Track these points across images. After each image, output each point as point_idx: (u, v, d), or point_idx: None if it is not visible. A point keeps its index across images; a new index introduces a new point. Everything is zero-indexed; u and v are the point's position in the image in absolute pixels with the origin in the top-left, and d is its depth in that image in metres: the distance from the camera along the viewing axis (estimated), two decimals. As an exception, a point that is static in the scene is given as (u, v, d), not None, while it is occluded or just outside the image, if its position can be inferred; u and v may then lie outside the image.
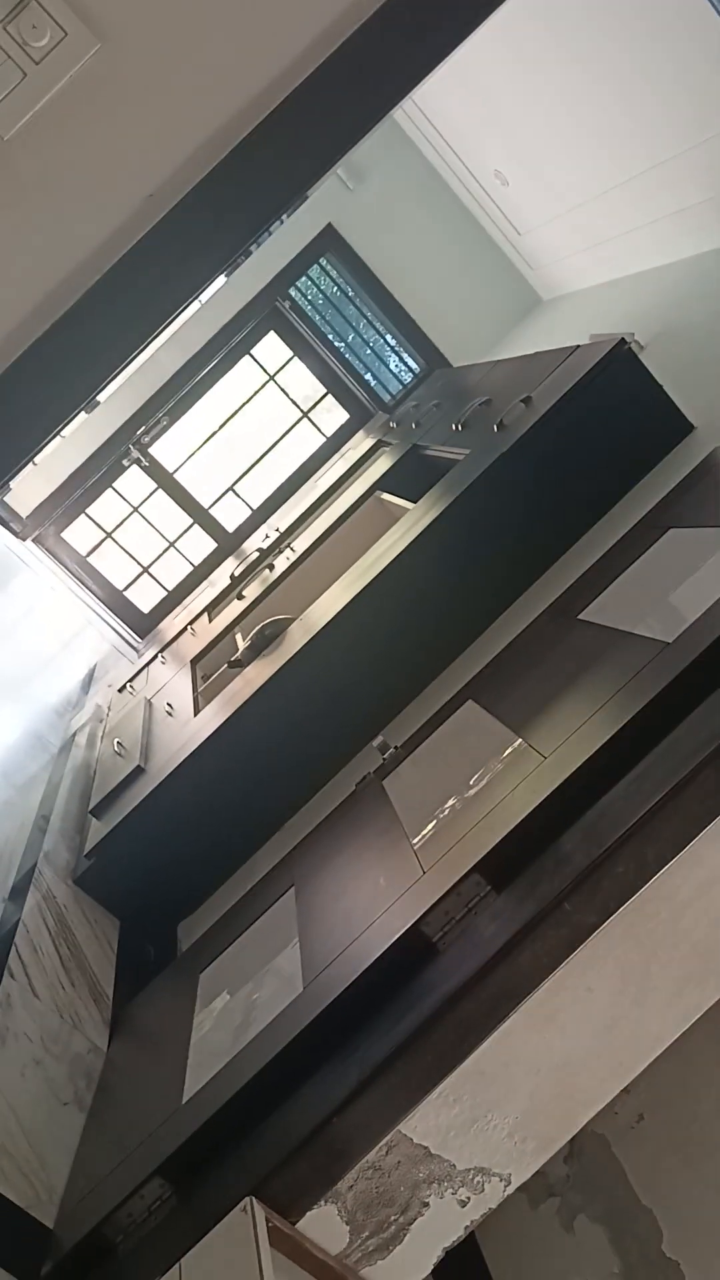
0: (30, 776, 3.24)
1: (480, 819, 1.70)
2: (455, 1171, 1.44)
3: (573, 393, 2.70)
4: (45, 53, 1.34)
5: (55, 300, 1.44)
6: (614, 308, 4.71)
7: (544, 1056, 1.43)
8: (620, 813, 1.49)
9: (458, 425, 3.39)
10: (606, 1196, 1.99)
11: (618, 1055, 1.44)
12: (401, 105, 5.24)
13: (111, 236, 1.43)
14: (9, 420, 1.52)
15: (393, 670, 2.79)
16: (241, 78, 1.49)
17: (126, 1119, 1.86)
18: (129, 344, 1.57)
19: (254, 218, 1.55)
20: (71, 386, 1.56)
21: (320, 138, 1.54)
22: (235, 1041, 1.82)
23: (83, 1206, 1.66)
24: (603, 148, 4.31)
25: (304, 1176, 1.45)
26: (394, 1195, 1.44)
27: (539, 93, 4.39)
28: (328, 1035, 1.60)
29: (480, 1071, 1.42)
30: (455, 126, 5.27)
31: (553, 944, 1.42)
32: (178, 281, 1.55)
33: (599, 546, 2.52)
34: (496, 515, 2.75)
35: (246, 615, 3.93)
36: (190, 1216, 1.53)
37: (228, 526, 6.03)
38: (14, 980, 2.10)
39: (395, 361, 6.10)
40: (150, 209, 1.43)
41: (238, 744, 2.77)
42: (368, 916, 1.76)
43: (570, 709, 1.84)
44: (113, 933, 2.70)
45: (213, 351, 5.39)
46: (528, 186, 5.12)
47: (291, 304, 5.80)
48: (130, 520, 5.86)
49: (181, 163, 1.43)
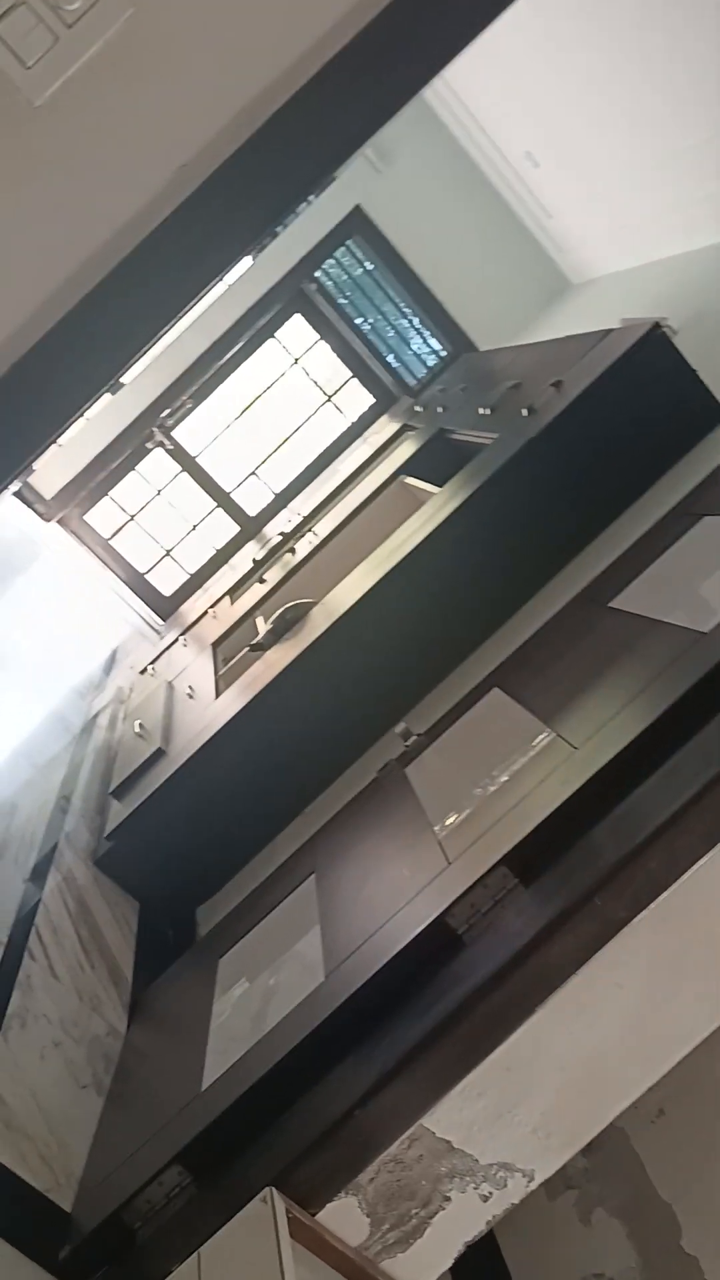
0: (52, 756, 3.24)
1: (508, 810, 1.67)
2: (478, 1166, 1.43)
3: (605, 377, 2.65)
4: (78, 16, 1.31)
5: (86, 273, 1.41)
6: (644, 292, 4.64)
7: (571, 1052, 1.40)
8: (652, 807, 1.46)
9: (486, 409, 3.34)
10: (625, 1190, 1.98)
11: (646, 1052, 1.42)
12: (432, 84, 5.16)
13: (144, 208, 1.40)
14: (35, 399, 1.50)
15: (416, 656, 2.77)
16: (275, 47, 1.45)
17: (145, 1104, 1.85)
18: (157, 322, 1.54)
19: (286, 193, 1.52)
20: (98, 365, 1.54)
21: (354, 112, 1.50)
22: (255, 1029, 1.81)
23: (101, 1191, 1.65)
24: (635, 129, 4.24)
25: (325, 1168, 1.44)
26: (415, 1189, 1.42)
27: (571, 73, 4.32)
28: (350, 1025, 1.58)
29: (506, 1066, 1.40)
30: (486, 107, 5.19)
31: (582, 938, 1.40)
32: (207, 258, 1.51)
33: (630, 534, 2.48)
34: (525, 500, 2.71)
35: (268, 599, 3.91)
36: (209, 1205, 1.51)
37: (250, 510, 6.01)
38: (34, 961, 2.09)
39: (421, 345, 6.05)
40: (183, 181, 1.40)
41: (258, 728, 2.75)
42: (391, 906, 1.73)
43: (601, 699, 1.81)
44: (132, 915, 2.69)
45: (238, 334, 5.35)
46: (559, 168, 5.04)
47: (318, 286, 5.75)
48: (153, 503, 5.85)
49: (215, 133, 1.40)
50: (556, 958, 1.41)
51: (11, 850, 2.46)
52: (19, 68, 1.32)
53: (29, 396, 1.44)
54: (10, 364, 1.41)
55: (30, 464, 1.53)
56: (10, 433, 1.45)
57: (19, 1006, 1.93)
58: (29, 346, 1.42)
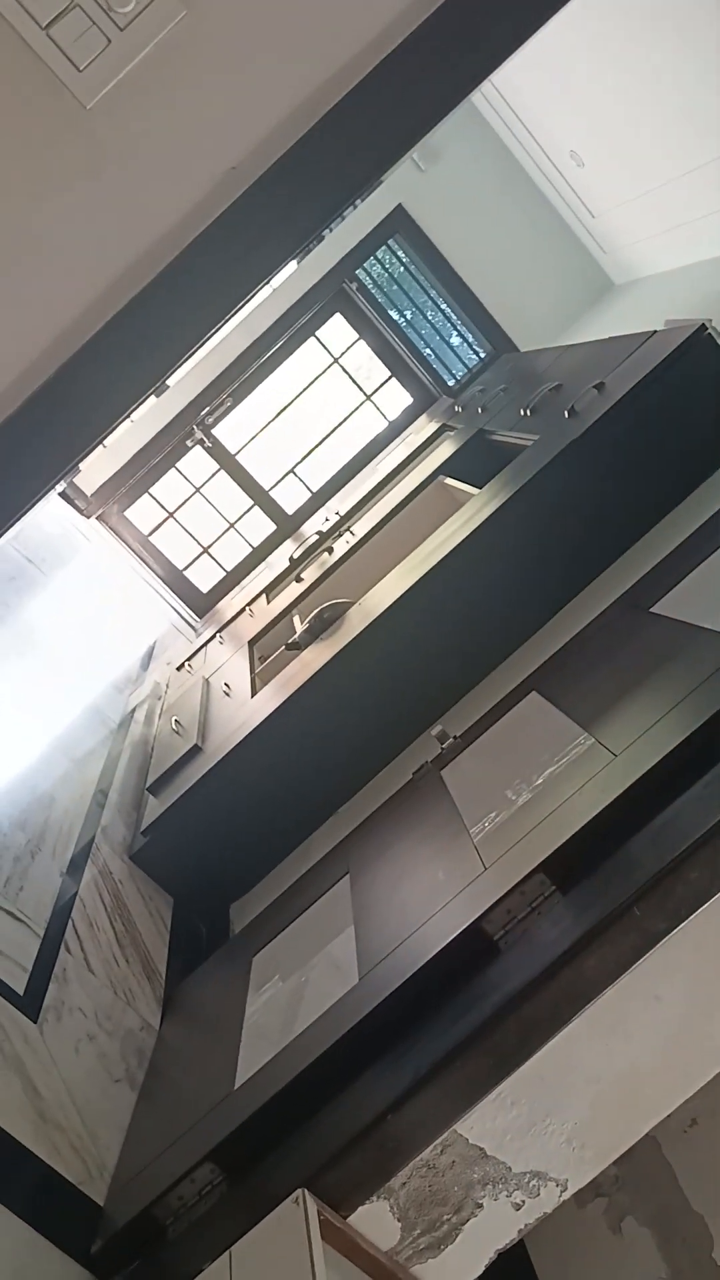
0: (89, 750, 3.27)
1: (546, 816, 1.66)
2: (510, 1174, 1.42)
3: (648, 379, 2.62)
4: (131, 19, 1.31)
5: (133, 276, 1.41)
6: (689, 293, 4.58)
7: (606, 1064, 1.39)
8: (694, 817, 1.44)
9: (526, 410, 3.32)
10: (656, 1199, 1.96)
11: (684, 1066, 1.40)
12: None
13: (192, 211, 1.40)
14: (82, 401, 1.51)
15: (453, 658, 2.76)
16: (326, 50, 1.45)
17: (178, 1100, 1.86)
18: (203, 325, 1.54)
19: (334, 197, 1.51)
20: (144, 367, 1.54)
21: (402, 115, 1.49)
22: (288, 1028, 1.81)
23: (134, 1186, 1.66)
24: (682, 128, 4.18)
25: (357, 1171, 1.44)
26: (447, 1195, 1.41)
27: (618, 71, 4.28)
28: (384, 1028, 1.58)
29: (540, 1076, 1.38)
30: (531, 105, 5.16)
31: (621, 949, 1.38)
32: (254, 261, 1.51)
33: (672, 538, 2.45)
34: (565, 503, 2.69)
35: (305, 598, 3.92)
36: (241, 1204, 1.52)
37: (288, 509, 6.02)
38: (70, 955, 2.11)
39: (461, 345, 6.02)
40: (231, 183, 1.40)
41: (294, 727, 2.75)
42: (426, 909, 1.73)
43: (641, 706, 1.79)
44: (166, 910, 2.71)
45: (278, 333, 5.36)
46: (604, 167, 4.99)
47: (358, 285, 5.74)
48: (192, 501, 5.88)
49: (265, 136, 1.40)
50: (593, 969, 1.40)
51: (49, 842, 2.48)
52: (72, 70, 1.33)
53: (76, 398, 1.45)
54: (59, 365, 1.42)
55: (76, 465, 1.54)
56: (57, 434, 1.46)
57: (55, 999, 1.94)
58: (77, 348, 1.43)
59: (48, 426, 1.44)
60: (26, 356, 1.42)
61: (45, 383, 1.43)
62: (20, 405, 1.41)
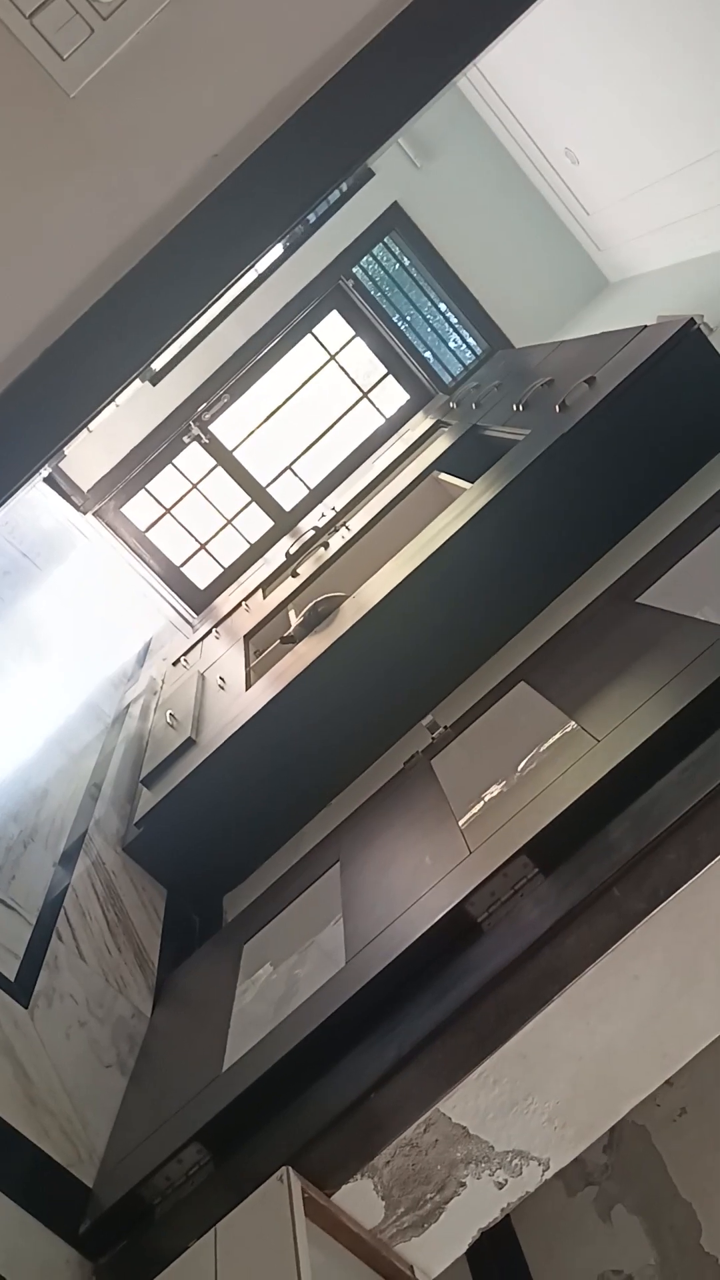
0: (84, 745, 3.28)
1: (529, 801, 1.68)
2: (493, 1153, 1.43)
3: (638, 373, 2.64)
4: (114, 8, 1.33)
5: (117, 262, 1.43)
6: (683, 290, 4.59)
7: (587, 1043, 1.40)
8: (673, 800, 1.46)
9: (519, 405, 3.34)
10: (645, 1187, 1.96)
11: (663, 1046, 1.41)
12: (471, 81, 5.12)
13: (175, 198, 1.42)
14: (67, 384, 1.52)
15: (444, 650, 2.77)
16: (307, 37, 1.46)
17: (167, 1084, 1.88)
18: (186, 310, 1.56)
19: (317, 182, 1.53)
20: (129, 351, 1.55)
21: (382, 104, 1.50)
22: (276, 1013, 1.82)
23: (122, 1168, 1.67)
24: (676, 126, 4.20)
25: (341, 1150, 1.45)
26: (431, 1173, 1.43)
27: (612, 69, 4.29)
28: (369, 1011, 1.59)
29: (522, 1054, 1.40)
30: (526, 103, 5.17)
31: (600, 929, 1.40)
32: (237, 247, 1.53)
33: (661, 530, 2.47)
34: (556, 496, 2.70)
35: (300, 592, 3.93)
36: (227, 1183, 1.53)
37: (285, 505, 6.04)
38: (62, 943, 2.13)
39: (457, 342, 6.04)
40: (214, 170, 1.42)
41: (288, 719, 2.77)
42: (412, 894, 1.74)
43: (625, 693, 1.80)
44: (159, 901, 2.73)
45: (275, 329, 5.38)
46: (598, 165, 5.01)
47: (354, 283, 5.76)
48: (189, 497, 5.90)
49: (247, 122, 1.41)
50: (574, 948, 1.41)
51: (42, 834, 2.49)
52: (55, 59, 1.34)
53: (61, 381, 1.47)
54: (42, 350, 1.44)
55: (60, 449, 1.55)
56: (42, 417, 1.47)
57: (46, 986, 1.96)
58: (61, 333, 1.44)
59: (32, 411, 1.45)
60: (10, 342, 1.43)
61: (29, 368, 1.44)
62: (5, 388, 1.43)
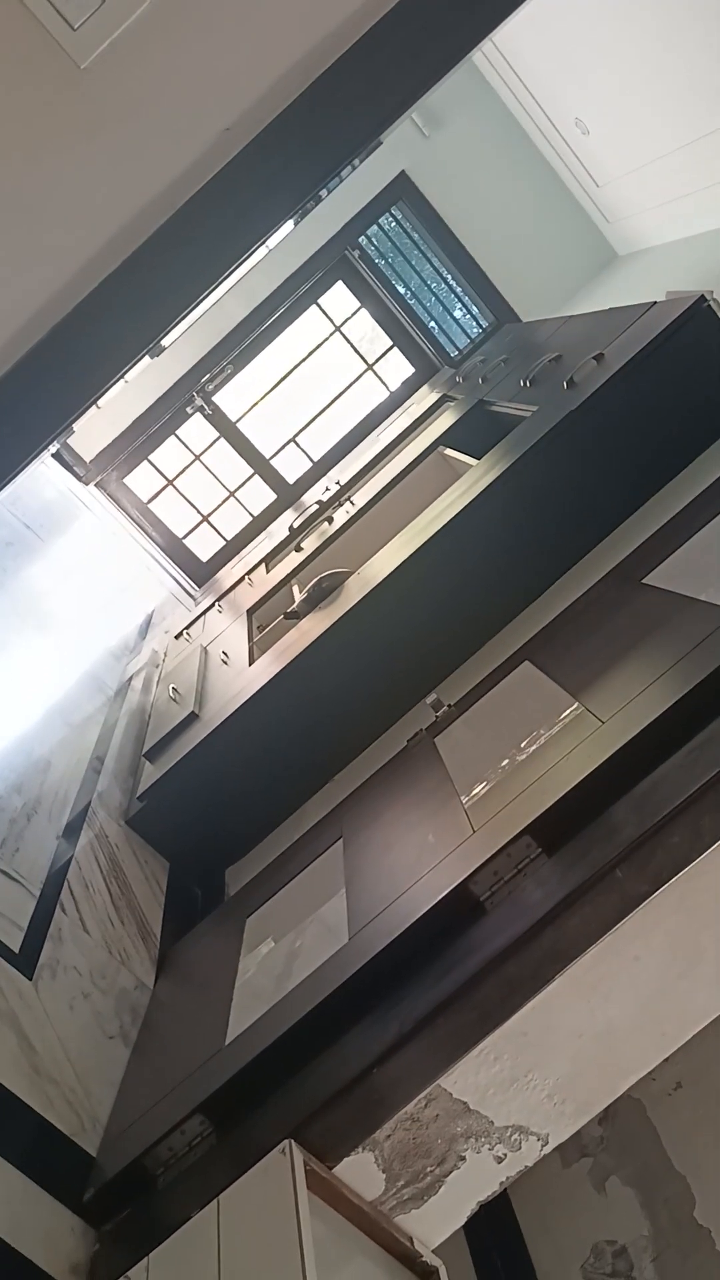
0: (86, 716, 3.29)
1: (534, 781, 1.68)
2: (493, 1128, 1.45)
3: (647, 350, 2.61)
4: (126, -23, 1.31)
5: (128, 236, 1.41)
6: (693, 264, 4.55)
7: (587, 1021, 1.42)
8: (677, 782, 1.47)
9: (526, 381, 3.32)
10: (640, 1160, 1.99)
11: (662, 1025, 1.43)
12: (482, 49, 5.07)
13: (186, 172, 1.40)
14: (76, 360, 1.51)
15: (448, 628, 2.77)
16: (322, 8, 1.44)
17: (170, 1055, 1.90)
18: (197, 286, 1.54)
19: (330, 157, 1.51)
20: (137, 327, 1.54)
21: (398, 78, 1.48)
22: (279, 987, 1.84)
23: (125, 1137, 1.70)
24: (688, 98, 4.14)
25: (343, 1123, 1.47)
26: (431, 1147, 1.45)
27: (624, 39, 4.22)
28: (372, 986, 1.61)
29: (523, 1032, 1.41)
30: (537, 72, 5.10)
31: (602, 910, 1.41)
32: (248, 223, 1.51)
33: (668, 510, 2.46)
34: (562, 474, 2.69)
35: (304, 567, 3.92)
36: (229, 1155, 1.55)
37: (288, 478, 6.01)
38: (65, 915, 2.14)
39: (463, 315, 5.99)
40: (226, 144, 1.40)
41: (291, 695, 2.77)
42: (415, 871, 1.76)
43: (630, 674, 1.80)
44: (162, 874, 2.74)
45: (280, 299, 5.33)
46: (609, 136, 4.94)
47: (360, 253, 5.70)
48: (192, 468, 5.87)
49: (260, 95, 1.39)
50: (576, 928, 1.42)
51: (45, 806, 2.50)
52: (66, 29, 1.32)
53: (70, 357, 1.46)
54: (53, 324, 1.43)
55: (70, 424, 1.55)
56: (51, 392, 1.46)
57: (50, 957, 1.98)
58: (71, 307, 1.43)
59: (42, 385, 1.44)
60: (21, 315, 1.42)
61: (39, 341, 1.43)
62: (14, 363, 1.42)
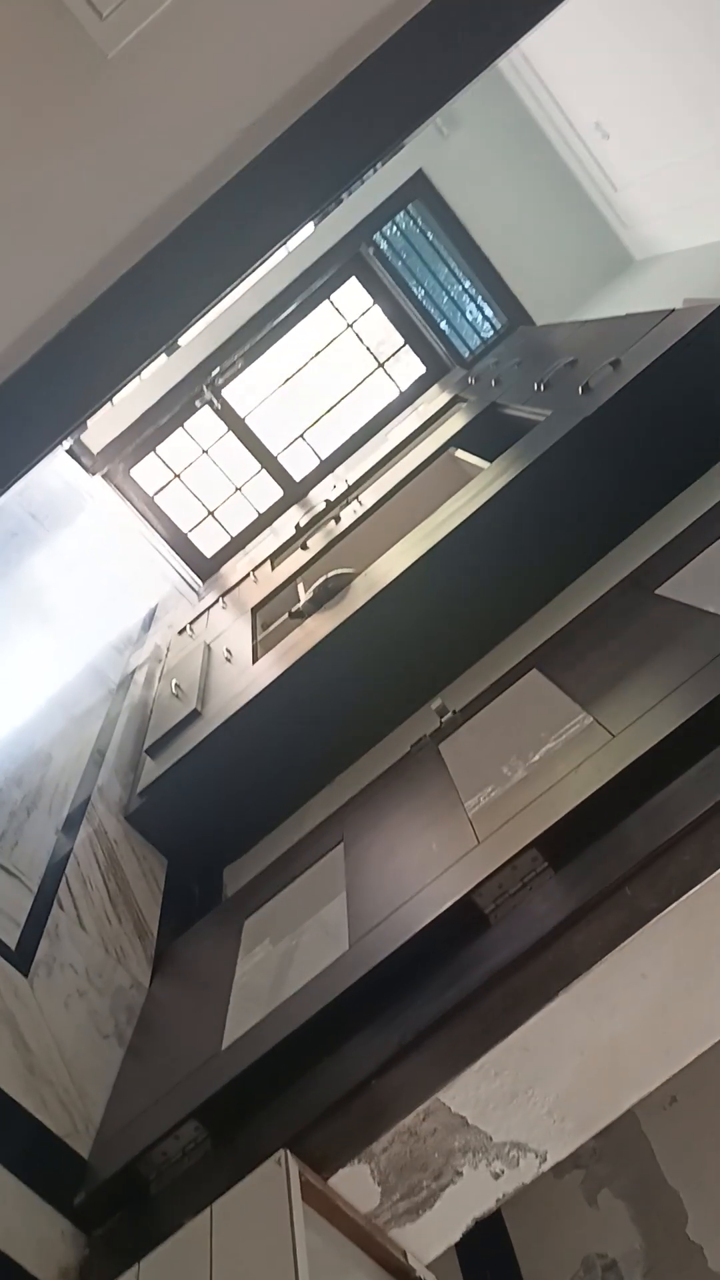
0: (88, 710, 3.27)
1: (541, 793, 1.66)
2: (491, 1144, 1.43)
3: (665, 358, 2.60)
4: (155, -33, 1.29)
5: (147, 232, 1.39)
6: (711, 271, 4.53)
7: (591, 1038, 1.40)
8: (689, 799, 1.45)
9: (540, 385, 3.30)
10: (633, 1173, 1.98)
11: (667, 1043, 1.41)
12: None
13: (208, 168, 1.38)
14: (91, 356, 1.49)
15: (455, 633, 2.75)
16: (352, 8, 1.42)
17: (165, 1058, 1.88)
18: (216, 285, 1.52)
19: (353, 158, 1.49)
20: (155, 325, 1.52)
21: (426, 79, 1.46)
22: (277, 991, 1.82)
23: (118, 1140, 1.68)
24: (709, 104, 4.11)
25: (340, 1134, 1.45)
26: (428, 1161, 1.43)
27: (647, 42, 4.20)
28: (372, 995, 1.59)
29: (524, 1047, 1.40)
30: (557, 74, 5.07)
31: (610, 926, 1.39)
32: (269, 223, 1.49)
33: (682, 519, 2.43)
34: (576, 480, 2.67)
35: (310, 566, 3.91)
36: (224, 1162, 1.54)
37: (295, 475, 5.99)
38: (63, 911, 2.13)
39: (476, 316, 5.96)
40: (250, 141, 1.38)
41: (294, 695, 2.76)
42: (418, 880, 1.74)
43: (641, 687, 1.79)
44: (160, 871, 2.73)
45: (293, 295, 5.30)
46: (629, 140, 4.92)
47: (375, 251, 5.68)
48: (199, 462, 5.84)
49: (285, 94, 1.37)
50: (582, 944, 1.41)
51: (45, 799, 2.49)
52: (94, 18, 1.30)
53: (86, 353, 1.44)
54: (69, 319, 1.41)
55: (84, 421, 1.53)
56: (66, 388, 1.44)
57: (46, 954, 1.96)
58: (89, 303, 1.41)
59: (57, 380, 1.42)
60: (37, 309, 1.40)
61: (55, 336, 1.41)
62: (30, 358, 1.40)
